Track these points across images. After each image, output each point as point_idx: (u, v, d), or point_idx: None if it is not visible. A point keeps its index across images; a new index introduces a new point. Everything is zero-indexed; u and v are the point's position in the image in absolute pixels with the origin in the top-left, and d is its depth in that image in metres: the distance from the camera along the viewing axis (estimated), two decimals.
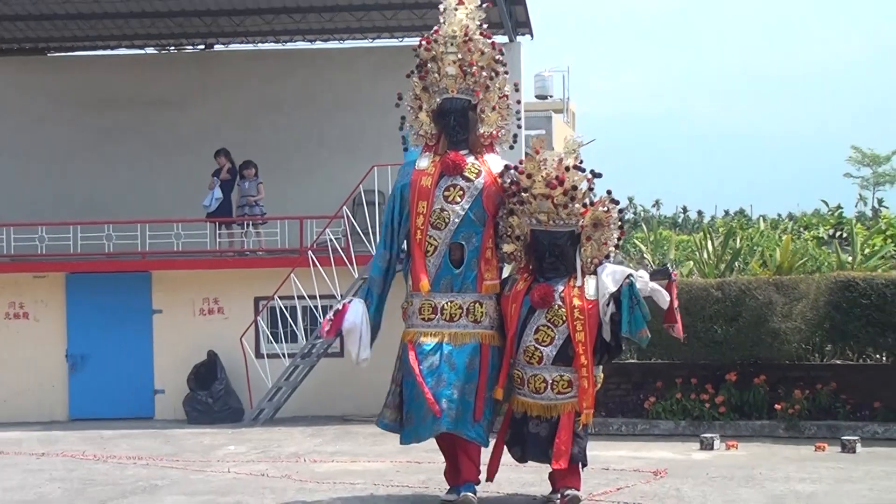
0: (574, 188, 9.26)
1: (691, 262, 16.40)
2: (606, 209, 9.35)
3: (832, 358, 14.75)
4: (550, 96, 37.99)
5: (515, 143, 10.08)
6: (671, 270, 9.62)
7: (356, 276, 15.90)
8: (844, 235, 18.49)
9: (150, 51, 22.82)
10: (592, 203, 9.40)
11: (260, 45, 22.54)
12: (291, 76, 21.19)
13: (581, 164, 9.39)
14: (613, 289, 9.13)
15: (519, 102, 10.42)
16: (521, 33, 20.26)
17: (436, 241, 9.47)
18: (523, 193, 9.35)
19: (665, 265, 10.78)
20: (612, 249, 9.45)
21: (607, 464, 11.45)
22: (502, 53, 9.87)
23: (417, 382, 9.23)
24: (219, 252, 17.96)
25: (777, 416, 13.67)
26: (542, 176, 9.28)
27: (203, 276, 17.25)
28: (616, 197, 9.45)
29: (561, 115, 36.83)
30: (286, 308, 16.57)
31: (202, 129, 20.79)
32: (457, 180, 9.51)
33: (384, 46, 21.62)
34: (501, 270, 9.78)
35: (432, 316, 9.44)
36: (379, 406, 9.81)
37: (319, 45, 22.30)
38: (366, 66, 20.79)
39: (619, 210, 9.44)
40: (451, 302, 9.43)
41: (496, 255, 9.61)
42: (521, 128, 10.75)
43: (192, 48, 22.75)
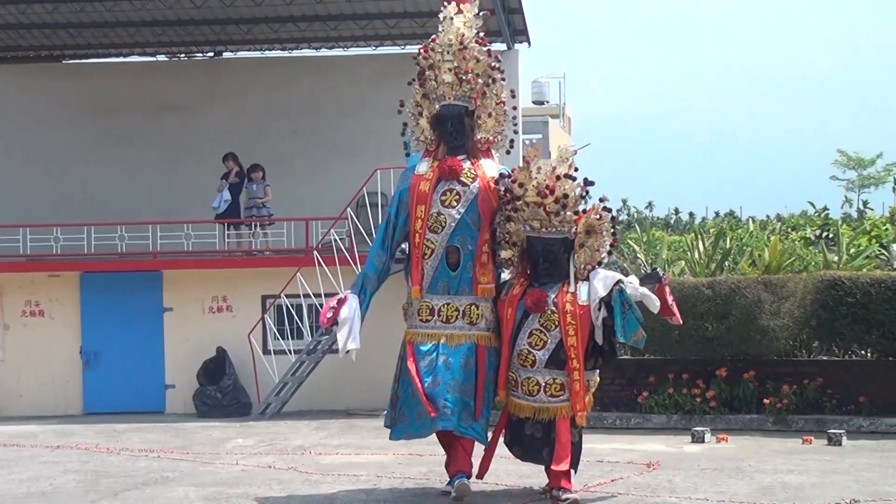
0: (565, 196, 9.19)
1: (683, 262, 16.38)
2: (599, 217, 9.28)
3: (819, 354, 14.73)
4: (547, 102, 38.07)
5: (512, 148, 10.02)
6: (661, 274, 9.55)
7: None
8: (830, 236, 18.47)
9: (161, 58, 22.83)
10: (585, 211, 9.36)
11: (267, 52, 22.54)
12: (297, 83, 21.21)
13: (573, 173, 9.32)
14: (603, 294, 9.07)
15: (515, 108, 10.37)
16: (519, 41, 20.28)
17: (433, 245, 9.43)
18: (517, 201, 9.32)
19: (655, 269, 10.72)
20: (605, 256, 9.39)
21: (602, 456, 11.44)
22: (499, 60, 9.82)
23: (413, 382, 9.23)
24: (227, 252, 17.98)
25: (766, 411, 13.66)
26: (534, 185, 9.23)
27: (212, 275, 17.25)
28: (609, 205, 9.40)
29: (557, 120, 36.86)
30: (292, 306, 16.58)
31: (211, 133, 20.83)
32: (453, 185, 9.46)
33: (386, 54, 21.64)
34: (499, 274, 9.71)
35: (429, 317, 9.41)
36: (381, 401, 9.80)
37: (324, 52, 22.31)
38: (369, 72, 20.81)
39: (612, 218, 9.37)
40: (448, 304, 9.39)
41: (492, 259, 9.53)
42: (517, 133, 10.72)
43: (201, 55, 22.76)
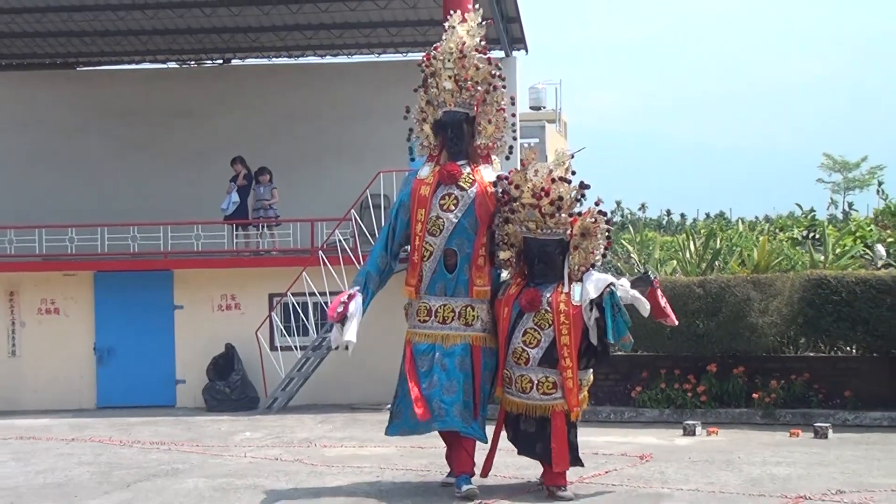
0: (560, 198, 9.14)
1: (675, 262, 16.36)
2: (594, 220, 9.22)
3: (805, 350, 14.72)
4: (544, 107, 38.02)
5: (511, 153, 9.99)
6: (652, 277, 9.49)
7: None
8: (817, 236, 18.40)
9: (172, 65, 22.83)
10: (581, 213, 9.30)
11: (274, 59, 22.56)
12: (303, 89, 21.21)
13: (569, 176, 9.27)
14: (594, 296, 9.03)
15: (514, 115, 10.33)
16: (517, 49, 20.26)
17: (431, 247, 9.39)
18: (514, 203, 9.28)
19: (646, 272, 10.66)
20: (599, 258, 9.33)
21: (597, 449, 11.43)
22: (499, 69, 9.75)
23: (408, 381, 9.22)
24: (236, 252, 17.97)
25: (754, 405, 13.65)
26: (530, 187, 9.19)
27: (221, 274, 17.24)
28: (604, 209, 9.34)
29: (554, 125, 36.83)
30: (298, 304, 16.56)
31: (220, 137, 20.82)
32: (452, 189, 9.41)
33: (389, 61, 21.65)
34: (498, 276, 9.64)
35: (427, 318, 9.38)
36: (384, 396, 9.79)
37: (329, 59, 22.32)
38: (371, 79, 20.81)
39: (607, 221, 9.30)
40: (444, 305, 9.35)
41: (488, 262, 9.46)
42: (516, 139, 10.69)
43: (210, 63, 22.77)
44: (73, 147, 21.43)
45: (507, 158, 9.91)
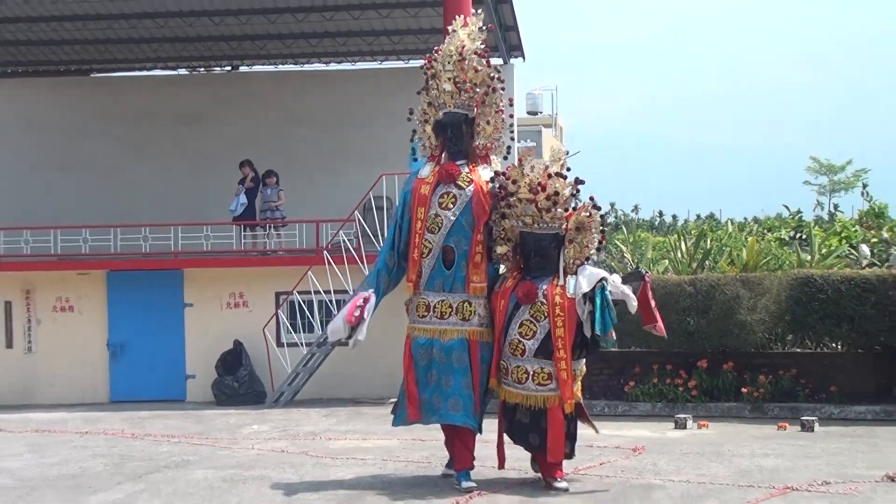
0: (556, 194, 9.09)
1: (666, 261, 16.37)
2: (589, 214, 9.18)
3: (793, 347, 14.73)
4: (540, 112, 38.00)
5: (509, 153, 9.98)
6: (644, 273, 9.47)
7: (366, 273, 15.90)
8: (804, 237, 18.41)
9: (182, 72, 22.85)
10: (576, 208, 9.28)
11: (281, 66, 22.59)
12: (308, 94, 21.23)
13: (565, 172, 9.24)
14: (587, 289, 8.97)
15: (512, 116, 10.31)
16: (515, 56, 20.28)
17: (430, 244, 9.35)
18: (510, 198, 9.25)
19: (638, 268, 10.63)
20: (594, 252, 9.29)
21: (591, 441, 11.37)
22: (498, 71, 9.71)
23: (405, 377, 9.23)
24: (243, 252, 17.98)
25: (743, 399, 13.65)
26: (527, 182, 9.17)
27: (229, 273, 17.24)
28: (598, 203, 9.28)
29: (550, 129, 36.81)
30: (304, 302, 16.56)
31: (228, 141, 20.84)
32: (450, 188, 9.37)
33: (391, 68, 21.66)
34: (496, 271, 9.60)
35: (426, 313, 9.34)
36: (386, 390, 9.77)
37: (334, 66, 22.33)
38: (375, 85, 20.83)
39: (601, 215, 9.25)
40: (442, 301, 9.31)
41: (485, 260, 9.40)
42: (513, 140, 10.67)
43: (219, 69, 22.78)
44: (88, 150, 21.46)
45: (505, 158, 9.88)
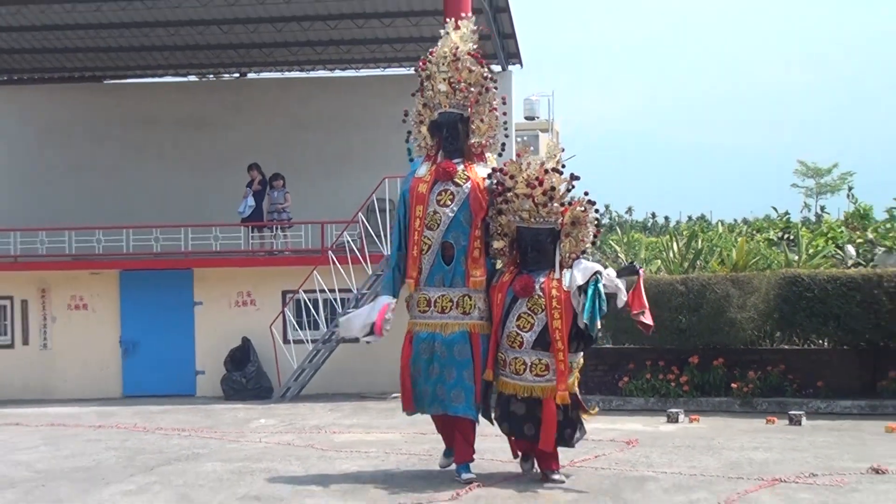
0: (553, 189, 9.04)
1: (659, 261, 16.36)
2: (584, 209, 9.10)
3: (781, 344, 14.72)
4: (538, 117, 37.93)
5: (504, 151, 9.94)
6: (638, 267, 9.44)
7: (370, 272, 15.94)
8: (791, 238, 18.40)
9: (192, 78, 22.86)
10: (571, 203, 9.21)
11: (287, 73, 22.59)
12: (314, 100, 21.23)
13: (561, 167, 9.18)
14: (582, 282, 8.92)
15: (505, 114, 10.25)
16: (512, 62, 20.29)
17: (430, 241, 9.29)
18: (508, 193, 9.20)
19: (632, 262, 10.60)
20: (589, 246, 9.24)
21: (587, 435, 11.39)
22: (491, 71, 9.67)
23: (401, 369, 9.20)
24: (251, 252, 18.00)
25: (733, 394, 13.65)
26: (524, 177, 9.12)
27: (238, 272, 17.26)
28: (592, 198, 9.20)
29: (547, 134, 36.79)
30: (309, 300, 16.58)
31: (237, 145, 20.85)
32: (448, 186, 9.31)
33: (393, 74, 21.65)
34: (493, 266, 9.58)
35: (426, 308, 9.28)
36: (390, 385, 9.74)
37: (338, 73, 22.34)
38: (378, 91, 20.82)
39: (596, 210, 9.18)
40: (443, 296, 9.25)
41: (483, 254, 9.34)
42: (507, 137, 10.63)
43: (228, 76, 22.80)
44: (101, 154, 21.45)
45: (500, 155, 9.83)
